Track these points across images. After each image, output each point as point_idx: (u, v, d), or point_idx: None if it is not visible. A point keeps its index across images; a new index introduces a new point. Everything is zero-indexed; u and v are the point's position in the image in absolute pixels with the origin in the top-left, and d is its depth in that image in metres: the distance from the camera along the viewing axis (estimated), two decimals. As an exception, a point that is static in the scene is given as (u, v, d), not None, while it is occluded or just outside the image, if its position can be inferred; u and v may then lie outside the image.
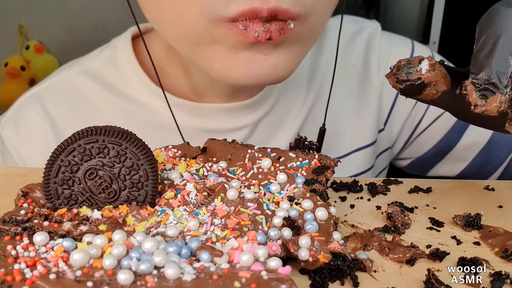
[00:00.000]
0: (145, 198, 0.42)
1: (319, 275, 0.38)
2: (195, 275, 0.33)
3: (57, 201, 0.42)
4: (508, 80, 0.43)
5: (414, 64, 0.44)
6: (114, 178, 0.42)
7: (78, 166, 0.41)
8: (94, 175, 0.41)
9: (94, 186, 0.42)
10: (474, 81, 0.43)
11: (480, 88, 0.43)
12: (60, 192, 0.41)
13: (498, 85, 0.43)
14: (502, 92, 0.43)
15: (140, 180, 0.42)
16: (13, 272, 0.33)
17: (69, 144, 0.41)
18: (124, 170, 0.42)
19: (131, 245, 0.36)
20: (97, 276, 0.33)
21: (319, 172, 0.47)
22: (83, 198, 0.42)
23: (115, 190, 0.42)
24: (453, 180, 0.56)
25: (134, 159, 0.41)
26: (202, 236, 0.38)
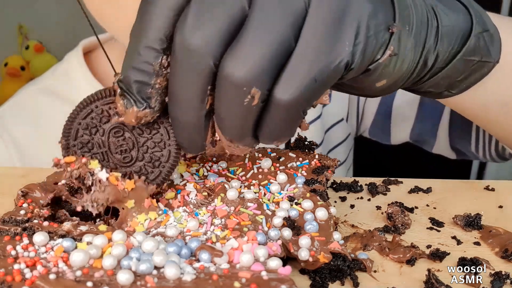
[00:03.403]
0: (156, 178, 0.41)
1: (319, 275, 0.38)
2: (195, 275, 0.33)
3: (72, 141, 0.41)
4: (152, 91, 0.37)
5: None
6: (136, 146, 0.41)
7: (109, 119, 0.40)
8: (120, 134, 0.41)
9: (114, 144, 0.41)
10: (119, 83, 0.38)
11: (122, 93, 0.38)
12: (79, 135, 0.41)
13: (137, 97, 0.37)
14: (140, 107, 0.37)
15: (160, 159, 0.41)
16: (13, 272, 0.33)
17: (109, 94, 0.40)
18: (150, 143, 0.41)
19: (131, 245, 0.36)
20: (97, 276, 0.33)
21: (319, 172, 0.47)
22: (98, 150, 0.41)
23: (131, 157, 0.41)
24: (453, 180, 0.56)
25: (164, 137, 0.40)
26: (202, 236, 0.38)
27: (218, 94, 0.36)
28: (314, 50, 0.35)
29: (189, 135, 0.39)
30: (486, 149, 0.77)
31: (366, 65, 0.38)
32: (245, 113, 0.36)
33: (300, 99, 0.35)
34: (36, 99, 0.78)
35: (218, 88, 0.36)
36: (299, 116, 0.37)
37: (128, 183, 0.40)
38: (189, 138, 0.39)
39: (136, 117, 0.38)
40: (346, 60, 0.35)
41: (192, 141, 0.39)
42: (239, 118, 0.36)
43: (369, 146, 1.04)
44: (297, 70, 0.35)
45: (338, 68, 0.35)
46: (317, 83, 0.35)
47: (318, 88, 0.36)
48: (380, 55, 0.38)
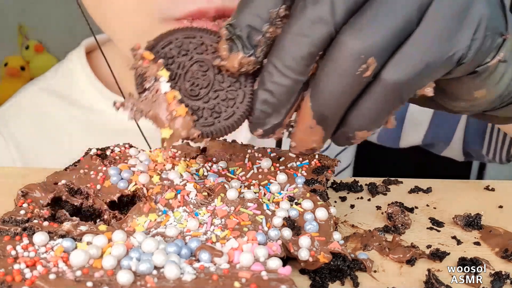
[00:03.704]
0: (205, 127, 0.40)
1: (319, 275, 0.38)
2: (195, 275, 0.33)
3: (160, 47, 0.41)
4: (261, 39, 0.38)
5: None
6: (209, 88, 0.40)
7: (204, 53, 0.40)
8: (203, 69, 0.40)
9: (191, 73, 0.40)
10: (228, 27, 0.38)
11: (228, 37, 0.38)
12: (169, 47, 0.41)
13: (245, 42, 0.38)
14: (247, 52, 0.38)
15: (220, 114, 0.40)
16: (13, 272, 0.33)
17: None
18: (222, 94, 0.40)
19: (131, 245, 0.36)
20: (97, 276, 0.33)
21: (319, 172, 0.47)
22: (175, 69, 0.40)
23: (197, 94, 0.40)
24: (453, 180, 0.56)
25: (238, 98, 0.40)
26: (202, 236, 0.38)
27: (327, 63, 0.36)
28: (433, 36, 0.35)
29: (274, 103, 0.38)
30: (497, 152, 0.78)
31: (476, 64, 0.38)
32: (353, 84, 0.36)
33: (408, 83, 0.36)
34: (38, 98, 0.78)
35: (331, 56, 0.36)
36: (400, 102, 0.37)
37: (180, 108, 0.39)
38: (272, 106, 0.38)
39: (240, 62, 0.38)
40: (461, 53, 0.36)
41: (272, 112, 0.39)
42: (343, 90, 0.36)
43: (369, 147, 1.04)
44: (412, 53, 0.35)
45: (452, 59, 0.36)
46: (428, 70, 0.36)
47: (427, 75, 0.36)
48: (490, 58, 0.39)
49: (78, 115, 0.76)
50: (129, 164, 0.46)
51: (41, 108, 0.77)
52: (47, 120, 0.77)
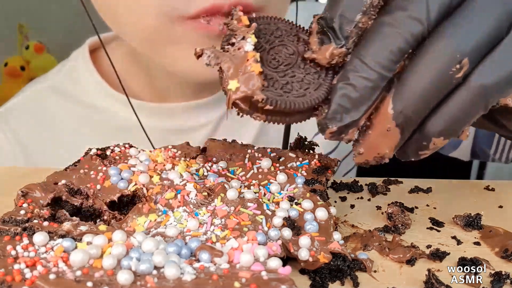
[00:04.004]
0: (298, 97, 0.39)
1: (319, 275, 0.38)
2: (195, 275, 0.33)
3: (255, 19, 0.43)
4: (352, 30, 0.37)
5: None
6: (288, 67, 0.41)
7: (297, 41, 0.42)
8: (288, 50, 0.42)
9: (276, 50, 0.41)
10: (319, 20, 0.38)
11: (320, 30, 0.38)
12: (263, 26, 0.43)
13: (338, 33, 0.37)
14: (338, 43, 0.38)
15: (310, 85, 0.40)
16: (13, 272, 0.32)
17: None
18: (300, 77, 0.40)
19: (131, 245, 0.36)
20: (97, 276, 0.33)
21: (319, 172, 0.47)
22: (263, 40, 0.42)
23: (276, 66, 0.41)
24: (453, 180, 0.56)
25: (313, 86, 0.40)
26: (202, 236, 0.38)
27: (419, 60, 0.36)
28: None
29: (355, 98, 0.37)
30: (504, 152, 0.78)
31: None
32: (443, 84, 0.36)
33: (495, 88, 0.36)
34: (42, 97, 0.78)
35: (424, 54, 0.36)
36: (484, 108, 0.37)
37: (256, 66, 0.38)
38: (352, 101, 0.37)
39: (331, 53, 0.38)
40: None
41: (351, 107, 0.37)
42: (432, 89, 0.36)
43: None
44: (502, 58, 0.36)
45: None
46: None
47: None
48: None
49: (81, 114, 0.76)
50: (129, 164, 0.46)
51: (44, 107, 0.77)
52: (50, 118, 0.77)
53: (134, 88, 0.74)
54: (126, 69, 0.74)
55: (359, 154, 0.40)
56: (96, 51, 0.79)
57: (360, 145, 0.39)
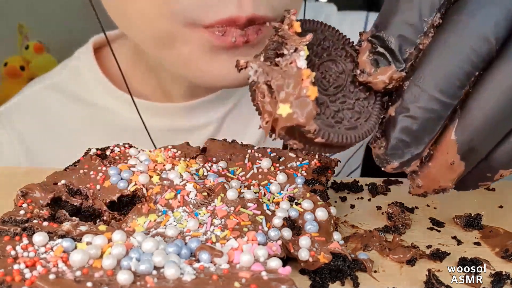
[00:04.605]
0: (350, 129, 0.36)
1: (319, 276, 0.38)
2: (195, 275, 0.33)
3: (303, 23, 0.38)
4: (412, 52, 0.34)
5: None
6: (342, 87, 0.37)
7: (345, 54, 0.38)
8: (337, 68, 0.38)
9: (326, 67, 0.38)
10: (372, 39, 0.35)
11: (375, 51, 0.35)
12: (319, 41, 0.39)
13: (397, 55, 0.34)
14: (398, 67, 0.34)
15: (361, 115, 0.37)
16: (13, 272, 0.32)
17: None
18: (350, 104, 0.37)
19: (131, 245, 0.36)
20: (97, 276, 0.32)
21: (319, 172, 0.47)
22: (311, 52, 0.38)
23: (328, 89, 0.37)
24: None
25: (364, 114, 0.37)
26: (202, 237, 0.38)
27: (487, 85, 0.32)
28: None
29: (417, 131, 0.34)
30: None
31: None
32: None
33: None
34: (44, 96, 0.78)
35: (491, 77, 0.32)
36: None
37: (313, 89, 0.34)
38: (414, 134, 0.34)
39: (390, 78, 0.34)
40: None
41: (412, 141, 0.35)
42: (503, 117, 0.33)
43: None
44: None
45: None
46: None
47: None
48: None
49: (84, 113, 0.76)
50: (129, 164, 0.46)
51: (46, 105, 0.77)
52: (52, 117, 0.76)
53: (137, 87, 0.74)
54: (130, 68, 0.74)
55: (417, 187, 0.37)
56: (99, 50, 0.79)
57: (418, 177, 0.37)
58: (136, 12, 0.55)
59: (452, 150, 0.34)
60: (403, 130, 0.35)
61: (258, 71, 0.35)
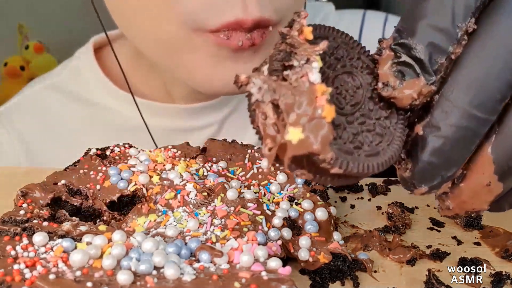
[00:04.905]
0: (370, 156, 0.31)
1: (319, 276, 0.38)
2: (195, 275, 0.33)
3: (314, 29, 0.32)
4: (443, 63, 0.30)
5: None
6: (361, 105, 0.32)
7: (361, 65, 0.33)
8: (354, 81, 0.33)
9: (341, 81, 0.33)
10: (396, 47, 0.30)
11: (399, 61, 0.30)
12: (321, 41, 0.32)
13: (427, 66, 0.29)
14: (428, 79, 0.29)
15: (383, 138, 0.32)
16: (13, 273, 0.32)
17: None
18: (369, 124, 0.32)
19: (131, 245, 0.36)
20: (97, 276, 0.32)
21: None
22: (326, 67, 0.32)
23: (344, 107, 0.32)
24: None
25: (387, 139, 0.32)
26: (202, 237, 0.38)
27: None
28: None
29: (449, 152, 0.30)
30: None
31: None
32: None
33: None
34: (44, 96, 0.78)
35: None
36: None
37: (330, 109, 0.28)
38: (445, 156, 0.30)
39: (420, 92, 0.30)
40: None
41: (443, 163, 0.30)
42: None
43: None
44: None
45: None
46: None
47: None
48: None
49: (85, 112, 0.76)
50: (129, 164, 0.46)
51: (47, 105, 0.77)
52: (53, 117, 0.76)
53: (138, 87, 0.74)
54: (131, 68, 0.73)
55: (447, 209, 0.34)
56: (100, 50, 0.79)
57: (449, 198, 0.33)
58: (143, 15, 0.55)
59: (489, 170, 0.31)
60: (434, 152, 0.30)
61: (262, 87, 0.29)
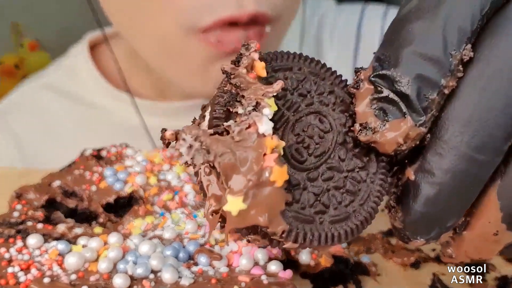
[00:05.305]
0: (336, 223, 0.27)
1: (321, 279, 0.38)
2: (193, 279, 0.32)
3: (269, 59, 0.28)
4: (435, 99, 0.25)
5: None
6: (328, 155, 0.27)
7: (334, 101, 0.28)
8: (322, 124, 0.28)
9: (304, 125, 0.27)
10: (376, 79, 0.26)
11: (381, 97, 0.26)
12: (281, 75, 0.28)
13: (414, 103, 0.25)
14: (417, 120, 0.25)
15: (355, 196, 0.27)
16: (7, 276, 0.32)
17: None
18: (342, 180, 0.27)
19: (128, 248, 0.35)
20: (93, 280, 0.32)
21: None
22: (284, 104, 0.27)
23: (306, 160, 0.27)
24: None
25: (366, 191, 0.28)
26: (200, 239, 0.37)
27: None
28: None
29: (447, 201, 0.26)
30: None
31: None
32: None
33: None
34: (40, 95, 0.77)
35: None
36: None
37: (280, 171, 0.24)
38: (443, 205, 0.26)
39: (406, 135, 0.25)
40: None
41: (440, 214, 0.26)
42: None
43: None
44: None
45: None
46: None
47: None
48: None
49: (80, 112, 0.75)
50: (126, 165, 0.45)
51: (42, 104, 0.76)
52: (48, 116, 0.76)
53: (134, 86, 0.73)
54: (127, 66, 0.73)
55: (449, 257, 0.30)
56: (94, 48, 0.78)
57: (451, 246, 0.30)
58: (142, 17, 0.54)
59: (495, 217, 0.27)
60: (428, 202, 0.26)
61: (194, 146, 0.24)
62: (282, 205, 0.24)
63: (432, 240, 0.28)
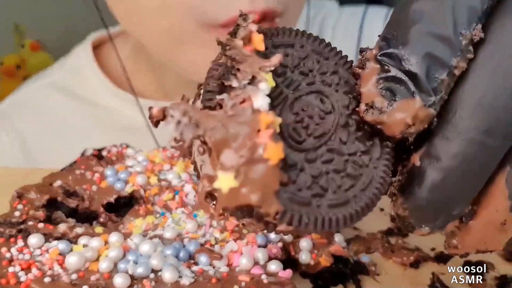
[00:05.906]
0: (335, 207, 0.25)
1: (321, 279, 0.38)
2: (194, 278, 0.32)
3: (270, 34, 0.27)
4: (445, 79, 0.24)
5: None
6: (328, 137, 0.26)
7: (337, 81, 0.27)
8: (323, 104, 0.27)
9: (304, 104, 0.26)
10: (383, 58, 0.25)
11: (388, 76, 0.25)
12: (281, 51, 0.27)
13: (423, 82, 0.24)
14: (426, 100, 0.24)
15: (356, 181, 0.26)
16: (8, 275, 0.32)
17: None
18: (346, 158, 0.26)
19: (128, 247, 0.35)
20: (93, 279, 0.32)
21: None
22: (283, 81, 0.26)
23: (304, 140, 0.26)
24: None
25: (367, 176, 0.26)
26: (200, 239, 0.37)
27: None
28: None
29: (454, 187, 0.25)
30: None
31: None
32: None
33: None
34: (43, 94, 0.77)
35: None
36: None
37: (276, 148, 0.22)
38: (448, 193, 0.25)
39: (415, 116, 0.24)
40: None
41: (447, 201, 0.26)
42: None
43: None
44: None
45: None
46: None
47: None
48: None
49: (83, 111, 0.75)
50: (126, 165, 0.45)
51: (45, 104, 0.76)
52: (51, 116, 0.76)
53: (138, 86, 0.73)
54: (131, 66, 0.73)
55: (454, 248, 0.29)
56: (98, 48, 0.78)
57: (456, 236, 0.29)
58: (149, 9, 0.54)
59: (503, 207, 0.26)
60: (433, 188, 0.25)
61: (182, 121, 0.23)
62: (277, 185, 0.23)
63: (437, 229, 0.27)
